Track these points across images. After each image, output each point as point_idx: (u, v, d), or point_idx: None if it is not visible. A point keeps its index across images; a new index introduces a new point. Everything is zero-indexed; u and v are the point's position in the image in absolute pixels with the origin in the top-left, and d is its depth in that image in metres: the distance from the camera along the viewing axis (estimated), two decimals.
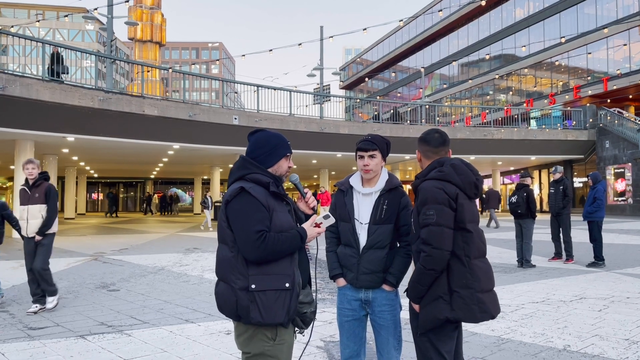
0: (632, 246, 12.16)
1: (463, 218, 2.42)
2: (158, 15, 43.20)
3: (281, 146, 2.38)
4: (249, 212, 2.16)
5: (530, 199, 9.31)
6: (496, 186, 35.24)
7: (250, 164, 2.32)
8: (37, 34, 69.97)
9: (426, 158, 2.62)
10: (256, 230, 2.12)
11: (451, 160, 2.52)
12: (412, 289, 2.46)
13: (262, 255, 2.13)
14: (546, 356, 4.05)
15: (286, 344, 2.21)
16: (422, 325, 2.43)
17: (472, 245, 2.43)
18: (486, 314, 2.40)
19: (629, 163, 26.41)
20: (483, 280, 2.42)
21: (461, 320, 2.40)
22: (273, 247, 2.13)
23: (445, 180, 2.45)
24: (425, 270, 2.37)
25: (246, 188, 2.19)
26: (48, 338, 4.64)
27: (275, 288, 2.15)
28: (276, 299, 2.14)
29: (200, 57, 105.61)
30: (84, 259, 10.61)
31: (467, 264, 2.40)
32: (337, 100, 27.39)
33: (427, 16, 47.10)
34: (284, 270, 2.18)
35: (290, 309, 2.17)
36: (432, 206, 2.38)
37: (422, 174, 2.56)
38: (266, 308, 2.13)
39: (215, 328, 4.97)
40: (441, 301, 2.37)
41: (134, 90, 28.20)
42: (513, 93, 39.50)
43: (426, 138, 2.65)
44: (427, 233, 2.36)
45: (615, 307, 5.74)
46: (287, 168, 2.40)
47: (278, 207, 2.24)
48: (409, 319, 2.69)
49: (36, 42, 17.62)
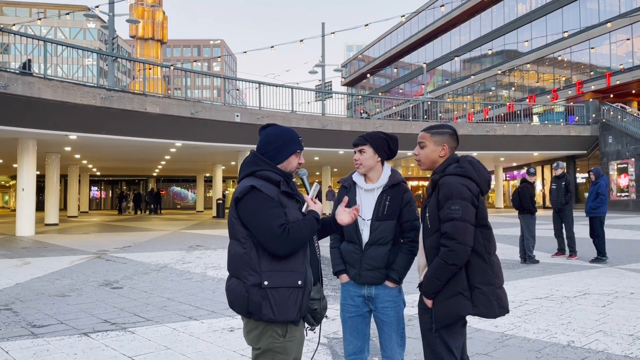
0: (635, 241, 12.13)
1: (484, 215, 2.42)
2: (159, 12, 43.19)
3: (292, 142, 2.35)
4: (265, 209, 2.16)
5: (522, 195, 9.27)
6: (499, 183, 35.22)
7: (260, 160, 2.31)
8: (38, 33, 69.96)
9: (450, 153, 2.55)
10: (279, 225, 2.12)
11: (466, 157, 2.49)
12: (429, 284, 2.40)
13: (290, 246, 2.14)
14: (550, 352, 4.04)
15: (296, 341, 2.20)
16: (439, 321, 2.38)
17: (492, 241, 2.44)
18: (504, 310, 2.41)
19: (632, 158, 26.33)
20: (500, 276, 2.44)
21: (482, 316, 2.38)
22: (297, 236, 2.14)
23: (467, 177, 2.42)
24: (446, 265, 2.32)
25: (257, 186, 2.19)
26: (52, 336, 4.64)
27: (288, 285, 2.15)
28: (289, 296, 2.14)
29: (201, 54, 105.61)
30: (87, 257, 10.63)
31: (488, 261, 2.39)
32: (339, 97, 27.37)
33: (429, 12, 46.98)
34: (297, 267, 2.18)
35: (302, 307, 2.17)
36: (458, 201, 2.34)
37: (439, 169, 2.51)
38: (278, 305, 2.12)
39: (218, 325, 4.97)
40: (462, 297, 2.34)
41: (135, 88, 28.22)
42: (515, 89, 39.39)
43: (455, 134, 2.58)
44: (452, 227, 2.32)
45: (619, 303, 5.72)
46: (297, 164, 2.37)
47: (290, 204, 2.24)
48: (409, 315, 2.67)
49: (38, 41, 17.63)
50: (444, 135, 2.55)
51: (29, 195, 16.96)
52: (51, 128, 16.12)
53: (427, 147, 2.55)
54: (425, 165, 2.58)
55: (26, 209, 16.88)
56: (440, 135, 2.54)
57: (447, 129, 2.58)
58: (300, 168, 2.42)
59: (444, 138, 2.54)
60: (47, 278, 7.95)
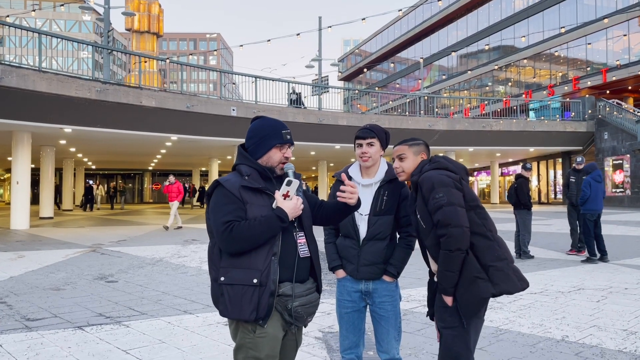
0: (630, 237, 12.19)
1: (472, 196, 2.45)
2: (155, 5, 42.91)
3: (270, 136, 2.26)
4: (220, 204, 2.14)
5: (519, 190, 9.24)
6: (495, 178, 35.29)
7: (240, 154, 2.30)
8: (33, 25, 69.47)
9: (427, 157, 2.67)
10: (223, 222, 2.09)
11: (436, 156, 2.62)
12: (443, 278, 2.36)
13: (231, 245, 2.08)
14: (544, 346, 4.05)
15: (267, 337, 2.12)
16: (467, 313, 2.35)
17: (489, 220, 2.45)
18: (524, 282, 2.41)
19: (628, 154, 26.42)
20: (509, 253, 2.45)
21: (505, 293, 2.35)
22: (243, 234, 2.05)
23: (443, 168, 2.49)
24: (451, 253, 2.30)
25: (221, 181, 2.18)
26: (46, 329, 4.63)
27: (243, 283, 2.09)
28: (243, 294, 2.08)
29: (198, 48, 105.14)
30: (82, 251, 10.60)
31: (493, 238, 2.40)
32: (335, 92, 27.32)
33: (426, 6, 46.90)
34: (255, 265, 2.09)
35: (260, 306, 2.07)
36: (441, 189, 2.37)
37: (415, 171, 2.57)
38: (232, 302, 2.09)
39: (213, 319, 4.97)
40: (480, 281, 2.31)
41: (131, 81, 28.05)
42: (512, 84, 39.41)
43: (427, 145, 2.74)
44: (442, 214, 2.33)
45: (613, 298, 5.75)
46: (279, 158, 2.27)
47: (255, 200, 2.16)
48: (404, 309, 2.66)
49: (32, 33, 17.48)
50: (420, 145, 2.67)
51: (24, 188, 16.89)
52: (46, 121, 16.04)
53: (408, 159, 2.64)
54: (407, 175, 2.64)
55: (21, 202, 16.82)
56: (417, 146, 2.66)
57: (420, 140, 2.72)
58: (287, 162, 2.31)
59: (421, 148, 2.67)
60: (41, 271, 7.93)
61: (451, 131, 25.93)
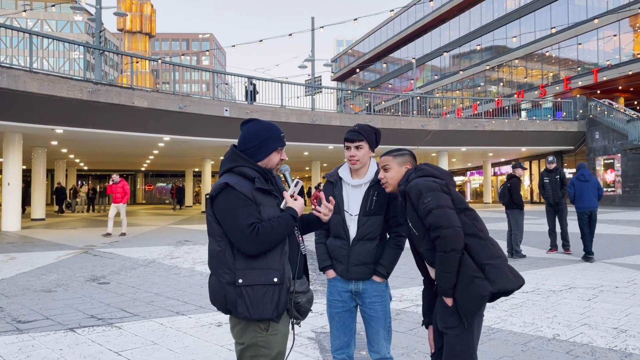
0: (621, 236, 12.28)
1: (460, 199, 2.47)
2: (147, 5, 42.77)
3: (272, 140, 2.30)
4: (236, 207, 2.13)
5: (513, 190, 9.29)
6: (487, 178, 35.45)
7: (238, 156, 2.28)
8: (24, 25, 68.96)
9: (412, 167, 2.68)
10: (248, 224, 2.09)
11: (421, 165, 2.62)
12: (442, 280, 2.38)
13: (260, 246, 2.11)
14: (536, 345, 4.08)
15: (279, 334, 2.19)
16: (467, 313, 2.36)
17: (480, 221, 2.47)
18: (520, 279, 2.41)
19: (619, 154, 26.62)
20: (502, 251, 2.46)
21: (503, 290, 2.36)
22: (268, 235, 2.10)
23: (429, 175, 2.51)
24: (446, 255, 2.32)
25: (231, 183, 2.16)
26: (37, 331, 4.60)
27: (264, 283, 2.12)
28: (264, 293, 2.11)
29: (190, 48, 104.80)
30: (74, 252, 10.54)
31: (485, 237, 2.42)
32: (328, 92, 27.34)
33: (418, 7, 47.02)
34: (272, 264, 2.15)
35: (280, 304, 2.14)
36: (429, 194, 2.39)
37: (402, 180, 2.59)
38: (254, 303, 2.10)
39: (206, 320, 4.96)
40: (477, 280, 2.32)
41: (123, 82, 27.95)
42: (504, 84, 39.59)
43: (413, 154, 2.75)
44: (433, 217, 2.34)
45: (604, 297, 5.79)
46: (278, 161, 2.33)
47: (266, 201, 2.20)
48: (396, 309, 2.67)
49: (23, 33, 17.37)
50: (404, 156, 2.67)
51: (15, 189, 16.77)
52: (37, 122, 15.93)
53: (392, 169, 2.64)
54: (392, 186, 2.64)
55: (12, 204, 16.70)
56: (402, 157, 2.66)
57: (406, 151, 2.72)
58: (282, 164, 2.37)
59: (406, 158, 2.67)
60: (33, 273, 7.88)
61: (444, 131, 26.02)
